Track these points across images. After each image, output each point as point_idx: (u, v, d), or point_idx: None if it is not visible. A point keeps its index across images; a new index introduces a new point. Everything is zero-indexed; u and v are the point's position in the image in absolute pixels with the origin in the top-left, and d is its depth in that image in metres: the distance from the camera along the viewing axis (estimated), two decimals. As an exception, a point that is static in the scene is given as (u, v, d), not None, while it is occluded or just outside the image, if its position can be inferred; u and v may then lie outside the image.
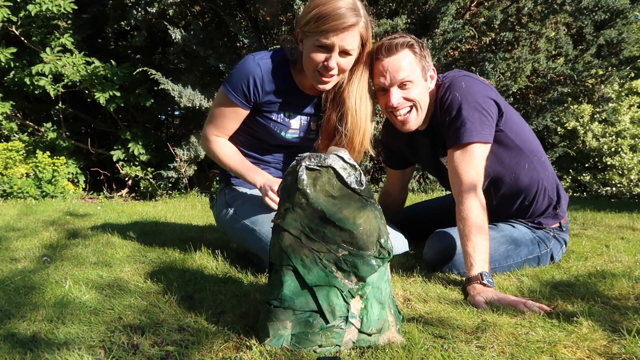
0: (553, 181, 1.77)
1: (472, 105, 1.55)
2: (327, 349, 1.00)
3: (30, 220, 2.81)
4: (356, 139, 1.66)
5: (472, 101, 1.55)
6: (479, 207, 1.51)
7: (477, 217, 1.49)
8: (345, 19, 1.46)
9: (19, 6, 4.54)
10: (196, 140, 4.68)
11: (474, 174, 1.53)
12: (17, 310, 1.22)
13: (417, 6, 4.29)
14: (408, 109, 1.61)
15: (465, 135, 1.53)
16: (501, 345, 1.02)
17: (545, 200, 1.75)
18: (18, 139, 5.03)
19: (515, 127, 1.67)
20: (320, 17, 1.47)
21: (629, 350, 0.99)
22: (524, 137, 1.69)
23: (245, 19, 4.77)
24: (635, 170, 4.90)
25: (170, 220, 2.92)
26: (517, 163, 1.68)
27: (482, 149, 1.55)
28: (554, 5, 4.31)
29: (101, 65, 4.70)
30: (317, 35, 1.49)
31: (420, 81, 1.60)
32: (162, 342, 1.03)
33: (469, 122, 1.53)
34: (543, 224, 1.77)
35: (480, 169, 1.56)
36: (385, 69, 1.57)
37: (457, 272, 1.63)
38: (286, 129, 1.72)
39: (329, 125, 1.71)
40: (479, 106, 1.55)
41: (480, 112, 1.55)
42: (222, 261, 1.73)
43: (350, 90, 1.63)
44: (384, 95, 1.61)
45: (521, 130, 1.69)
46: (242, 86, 1.62)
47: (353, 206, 1.04)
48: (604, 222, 2.78)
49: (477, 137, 1.53)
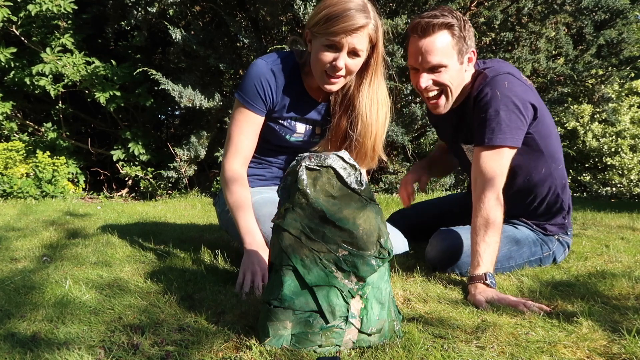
0: (565, 190, 1.76)
1: (510, 108, 1.52)
2: (327, 349, 1.00)
3: (30, 220, 2.81)
4: (368, 144, 1.65)
5: (511, 104, 1.52)
6: (499, 208, 1.50)
7: (496, 218, 1.48)
8: (354, 20, 1.46)
9: (19, 6, 4.54)
10: (196, 140, 4.68)
11: (500, 175, 1.53)
12: (17, 310, 1.22)
13: (417, 6, 4.29)
14: (436, 92, 1.59)
15: (499, 137, 1.52)
16: (501, 345, 1.02)
17: (555, 207, 1.74)
18: (18, 139, 5.03)
19: (544, 131, 1.65)
20: (329, 18, 1.47)
21: (629, 350, 0.99)
22: (549, 142, 1.67)
23: (245, 19, 4.77)
24: (635, 170, 4.90)
25: (170, 220, 2.92)
26: (535, 166, 1.66)
27: (510, 153, 1.55)
28: (554, 5, 4.31)
29: (101, 65, 4.69)
30: (326, 36, 1.49)
31: (454, 65, 1.55)
32: (162, 342, 1.03)
33: (505, 124, 1.51)
34: (548, 230, 1.76)
35: (505, 170, 1.55)
36: (418, 51, 1.53)
37: (459, 272, 1.63)
38: (292, 133, 1.72)
39: (339, 129, 1.70)
40: (517, 110, 1.53)
41: (517, 116, 1.53)
42: (222, 261, 1.73)
43: (361, 95, 1.62)
44: (415, 75, 1.59)
45: (549, 134, 1.68)
46: (257, 90, 1.60)
47: (353, 206, 1.04)
48: (604, 222, 2.78)
49: (510, 142, 1.52)
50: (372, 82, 1.61)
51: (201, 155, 4.73)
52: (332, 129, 1.71)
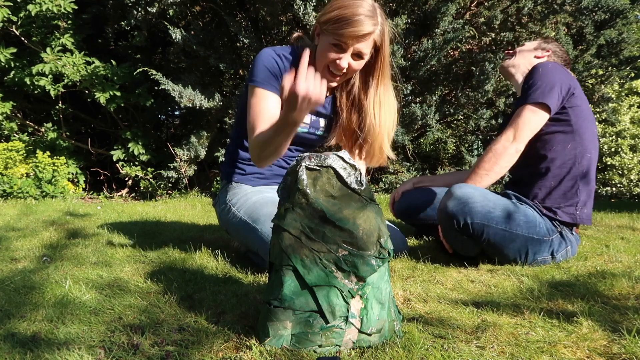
0: (585, 182, 1.82)
1: (551, 79, 1.77)
2: (327, 349, 1.00)
3: (30, 220, 2.81)
4: (375, 145, 1.71)
5: (552, 76, 1.77)
6: (510, 158, 1.75)
7: (503, 160, 1.75)
8: (362, 27, 1.51)
9: (19, 6, 4.55)
10: (196, 140, 4.68)
11: (529, 129, 1.76)
12: (17, 310, 1.22)
13: (417, 6, 4.29)
14: None
15: (540, 96, 1.75)
16: (501, 345, 1.02)
17: (570, 193, 1.80)
18: (18, 139, 5.03)
19: (579, 112, 1.81)
20: (339, 20, 1.52)
21: (629, 350, 0.99)
22: (582, 124, 1.81)
23: (245, 19, 4.77)
24: (635, 170, 4.90)
25: (170, 220, 2.92)
26: (563, 139, 1.80)
27: (545, 115, 1.76)
28: (554, 5, 4.31)
29: (101, 65, 4.70)
30: (334, 36, 1.54)
31: None
32: (162, 342, 1.03)
33: (548, 89, 1.75)
34: (557, 215, 1.79)
35: (535, 130, 1.77)
36: None
37: (471, 221, 1.66)
38: None
39: (350, 125, 1.75)
40: (558, 83, 1.76)
41: (558, 86, 1.76)
42: (222, 261, 1.73)
43: (369, 94, 1.68)
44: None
45: (583, 118, 1.82)
46: (268, 70, 1.63)
47: (353, 206, 1.04)
48: (604, 222, 2.78)
49: (548, 101, 1.74)
50: (379, 85, 1.67)
51: (201, 155, 4.73)
52: (342, 125, 1.77)
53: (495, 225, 1.68)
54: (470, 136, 5.46)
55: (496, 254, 1.75)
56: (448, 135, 5.53)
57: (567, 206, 1.80)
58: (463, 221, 1.67)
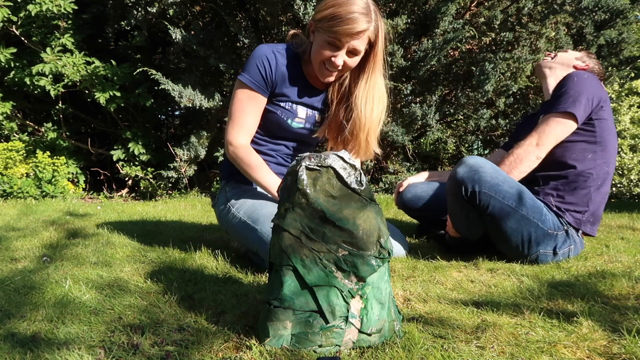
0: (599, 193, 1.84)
1: (581, 90, 1.78)
2: (327, 349, 1.00)
3: (30, 220, 2.81)
4: (361, 136, 1.73)
5: (582, 88, 1.78)
6: (529, 163, 1.78)
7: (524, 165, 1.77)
8: (356, 25, 1.53)
9: (19, 6, 4.54)
10: (196, 140, 4.68)
11: (553, 138, 1.79)
12: (17, 310, 1.22)
13: (417, 6, 4.29)
14: None
15: (569, 107, 1.77)
16: (501, 345, 1.02)
17: (582, 201, 1.82)
18: (18, 139, 5.03)
19: (606, 127, 1.83)
20: (333, 18, 1.54)
21: (629, 350, 0.99)
22: (606, 139, 1.83)
23: (245, 19, 4.77)
24: (635, 170, 4.89)
25: (170, 220, 2.92)
26: (585, 149, 1.82)
27: (572, 125, 1.78)
28: (554, 5, 4.31)
29: (101, 65, 4.70)
30: (328, 33, 1.56)
31: None
32: (162, 342, 1.03)
33: (577, 100, 1.76)
34: (564, 215, 1.81)
35: (559, 139, 1.79)
36: None
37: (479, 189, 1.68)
38: (293, 117, 1.76)
39: (337, 118, 1.78)
40: (586, 94, 1.77)
41: (586, 98, 1.77)
42: (222, 261, 1.73)
43: (358, 90, 1.70)
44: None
45: (608, 131, 1.83)
46: (258, 68, 1.67)
47: (353, 206, 1.04)
48: (604, 222, 2.78)
49: (576, 112, 1.76)
50: (370, 78, 1.69)
51: (201, 155, 4.73)
52: (330, 117, 1.79)
53: (502, 200, 1.69)
54: (470, 136, 5.46)
55: (499, 236, 1.76)
56: (448, 135, 5.52)
57: (575, 212, 1.82)
58: (471, 188, 1.68)
